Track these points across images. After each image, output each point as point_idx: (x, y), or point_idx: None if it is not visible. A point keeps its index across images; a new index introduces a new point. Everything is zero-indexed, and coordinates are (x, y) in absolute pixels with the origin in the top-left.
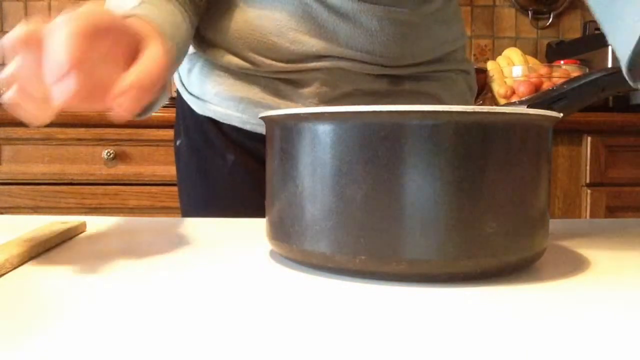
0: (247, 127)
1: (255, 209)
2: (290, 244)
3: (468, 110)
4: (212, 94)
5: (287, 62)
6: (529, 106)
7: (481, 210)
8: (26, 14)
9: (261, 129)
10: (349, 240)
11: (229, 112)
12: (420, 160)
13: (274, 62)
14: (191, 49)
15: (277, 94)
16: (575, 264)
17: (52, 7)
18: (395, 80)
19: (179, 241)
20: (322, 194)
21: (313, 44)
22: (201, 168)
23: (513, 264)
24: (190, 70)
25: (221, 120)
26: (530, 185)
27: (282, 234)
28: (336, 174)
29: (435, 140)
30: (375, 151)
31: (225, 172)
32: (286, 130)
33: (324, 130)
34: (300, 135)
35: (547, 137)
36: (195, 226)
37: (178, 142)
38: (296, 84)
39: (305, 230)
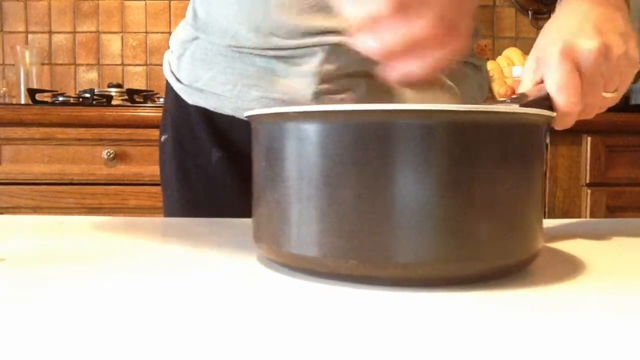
0: (240, 114)
1: (240, 210)
2: (279, 247)
3: (462, 110)
4: (206, 79)
5: (287, 37)
6: (521, 105)
7: (476, 212)
8: (26, 14)
9: None
10: (341, 243)
11: (223, 99)
12: (412, 160)
13: (272, 39)
14: (183, 35)
15: (275, 73)
16: (570, 266)
17: (52, 7)
18: None
19: (172, 242)
20: (312, 195)
21: (318, 17)
22: (184, 165)
23: (508, 267)
24: (181, 56)
25: (213, 109)
26: (525, 185)
27: (269, 237)
28: (327, 175)
29: (427, 140)
30: (366, 151)
31: (209, 170)
32: (273, 129)
33: (313, 129)
34: (288, 135)
35: (541, 136)
36: (195, 226)
37: (163, 138)
38: (294, 62)
39: (295, 233)
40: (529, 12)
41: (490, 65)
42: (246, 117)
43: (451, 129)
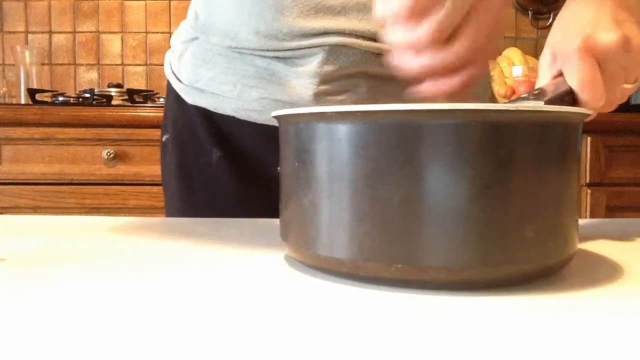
0: (241, 114)
1: (240, 210)
2: (311, 249)
3: (516, 109)
4: (207, 79)
5: (287, 39)
6: (546, 102)
7: (522, 213)
8: (26, 14)
9: (255, 115)
10: (385, 247)
11: (223, 99)
12: (459, 162)
13: (273, 40)
14: (184, 35)
15: (275, 74)
16: (607, 269)
17: (52, 7)
18: None
19: (173, 242)
20: (353, 197)
21: (318, 18)
22: (185, 165)
23: (551, 267)
24: (181, 56)
25: (213, 109)
26: (567, 184)
27: (300, 238)
28: (369, 176)
29: (477, 140)
30: (411, 152)
31: (209, 170)
32: (308, 130)
33: (354, 130)
34: (325, 135)
35: (578, 135)
36: (195, 225)
37: (164, 138)
38: (294, 63)
39: (331, 235)
40: (529, 12)
41: (490, 65)
42: (274, 116)
43: (501, 129)
